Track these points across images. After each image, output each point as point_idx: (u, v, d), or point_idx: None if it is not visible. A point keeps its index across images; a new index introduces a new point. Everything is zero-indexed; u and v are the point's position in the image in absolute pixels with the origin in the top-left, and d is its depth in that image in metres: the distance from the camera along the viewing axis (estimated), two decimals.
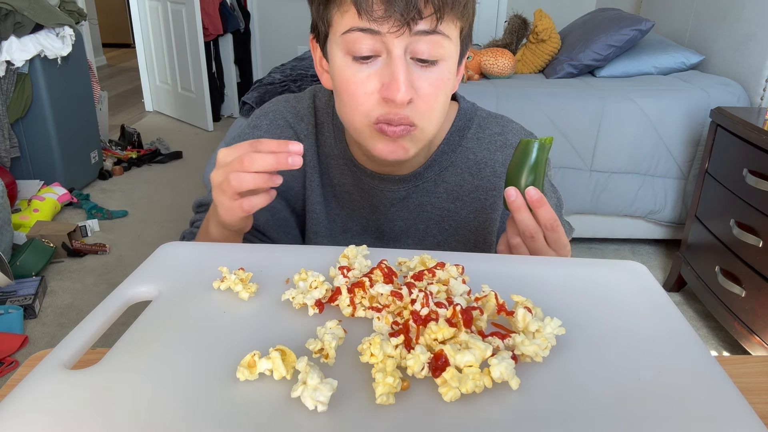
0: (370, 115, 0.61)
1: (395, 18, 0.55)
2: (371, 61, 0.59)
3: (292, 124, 0.77)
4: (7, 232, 2.17)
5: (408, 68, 0.59)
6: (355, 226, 0.78)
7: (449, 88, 0.64)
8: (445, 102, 0.64)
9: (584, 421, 0.35)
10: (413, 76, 0.59)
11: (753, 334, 1.63)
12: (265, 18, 4.38)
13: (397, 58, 0.58)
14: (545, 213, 0.58)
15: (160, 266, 0.52)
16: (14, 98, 2.60)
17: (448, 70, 0.62)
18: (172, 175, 3.34)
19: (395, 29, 0.56)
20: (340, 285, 0.47)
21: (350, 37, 0.58)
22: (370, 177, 0.74)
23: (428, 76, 0.60)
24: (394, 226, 0.77)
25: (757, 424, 0.35)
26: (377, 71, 0.59)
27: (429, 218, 0.76)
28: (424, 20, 0.56)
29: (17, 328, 1.85)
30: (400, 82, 0.57)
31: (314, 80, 2.23)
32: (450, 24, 0.59)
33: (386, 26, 0.56)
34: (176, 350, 0.41)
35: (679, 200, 2.27)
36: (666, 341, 0.43)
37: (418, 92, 0.60)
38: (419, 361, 0.38)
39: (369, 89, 0.60)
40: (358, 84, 0.60)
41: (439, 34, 0.58)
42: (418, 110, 0.61)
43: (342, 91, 0.62)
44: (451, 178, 0.75)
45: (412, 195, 0.75)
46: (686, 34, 2.66)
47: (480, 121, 0.76)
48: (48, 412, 0.35)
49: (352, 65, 0.60)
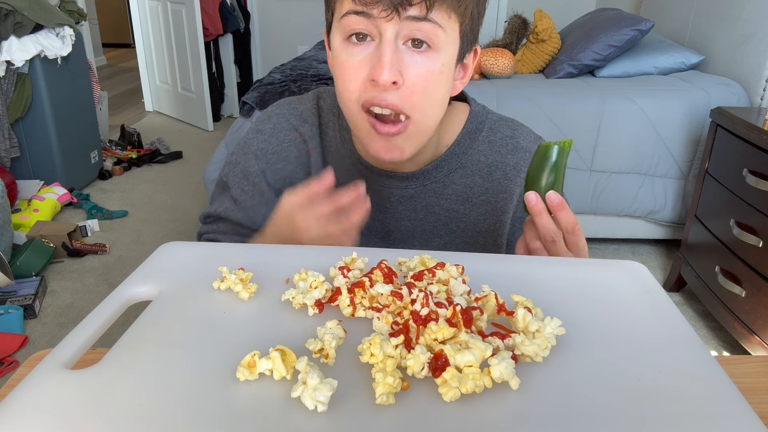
0: (359, 99, 0.62)
1: (385, 2, 0.57)
2: (365, 45, 0.60)
3: (296, 126, 0.77)
4: (7, 232, 2.17)
5: (397, 52, 0.59)
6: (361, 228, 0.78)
7: (444, 82, 0.63)
8: (440, 96, 0.64)
9: (584, 421, 0.35)
10: (402, 63, 0.60)
11: (753, 334, 1.63)
12: (265, 18, 4.38)
13: (386, 41, 0.59)
14: (566, 216, 0.58)
15: (160, 266, 0.52)
16: (14, 98, 2.60)
17: (441, 62, 0.61)
18: (172, 175, 3.33)
19: (385, 13, 0.57)
20: (340, 285, 0.47)
21: (346, 21, 0.60)
22: (377, 174, 0.74)
23: (418, 63, 0.60)
24: (400, 225, 0.77)
25: (757, 424, 0.35)
26: (369, 55, 0.60)
27: (436, 219, 0.76)
28: (414, 6, 0.57)
29: (17, 328, 1.85)
30: (384, 63, 0.58)
31: (314, 80, 2.23)
32: (443, 14, 0.59)
33: (377, 9, 0.58)
34: (176, 350, 0.41)
35: (679, 200, 2.27)
36: (666, 341, 0.43)
37: (405, 78, 0.60)
38: (419, 361, 0.38)
39: (360, 74, 0.61)
40: (351, 68, 0.61)
41: (430, 22, 0.59)
42: (406, 98, 0.61)
43: (337, 75, 0.63)
44: (461, 180, 0.75)
45: (419, 194, 0.75)
46: (686, 34, 2.66)
47: (491, 125, 0.76)
48: (48, 412, 0.35)
49: (347, 48, 0.61)
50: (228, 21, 4.12)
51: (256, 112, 2.14)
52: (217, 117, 4.39)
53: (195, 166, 3.45)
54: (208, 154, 3.54)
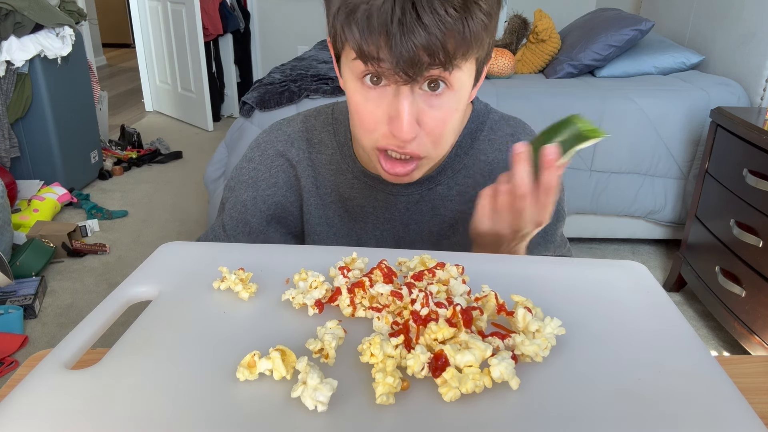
0: (377, 142, 0.61)
1: (400, 75, 0.54)
2: (380, 89, 0.58)
3: (283, 152, 0.77)
4: (7, 232, 2.17)
5: (414, 102, 0.57)
6: (370, 239, 0.78)
7: (460, 115, 0.62)
8: (455, 128, 0.63)
9: (584, 421, 0.35)
10: (420, 110, 0.58)
11: (753, 334, 1.63)
12: (265, 18, 4.38)
13: (403, 94, 0.56)
14: (553, 175, 0.56)
15: (160, 266, 0.52)
16: (14, 98, 2.60)
17: (458, 100, 0.59)
18: (172, 175, 3.33)
19: (401, 81, 0.55)
20: (340, 285, 0.47)
21: (359, 65, 0.57)
22: (383, 184, 0.74)
23: (436, 108, 0.58)
24: (409, 230, 0.76)
25: (757, 424, 0.35)
26: (384, 101, 0.58)
27: (443, 221, 0.76)
28: (431, 71, 0.55)
29: (17, 328, 1.85)
30: (404, 120, 0.56)
31: (314, 80, 2.23)
32: (462, 61, 0.56)
33: (392, 78, 0.55)
34: (176, 350, 0.41)
35: (679, 200, 2.27)
36: (666, 341, 0.43)
37: (422, 126, 0.59)
38: (419, 361, 0.38)
39: (377, 118, 0.59)
40: (367, 112, 0.59)
41: (449, 72, 0.56)
42: (424, 143, 0.60)
43: (353, 113, 0.62)
44: (464, 180, 0.75)
45: (425, 198, 0.75)
46: (686, 34, 2.66)
47: (492, 124, 0.76)
48: (48, 412, 0.35)
49: (361, 90, 0.59)
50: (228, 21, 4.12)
51: (256, 112, 2.14)
52: (217, 117, 4.39)
53: (195, 166, 3.45)
54: (208, 154, 3.54)
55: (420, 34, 0.51)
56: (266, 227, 0.77)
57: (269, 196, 0.77)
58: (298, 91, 2.12)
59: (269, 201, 0.77)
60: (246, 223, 0.77)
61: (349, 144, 0.75)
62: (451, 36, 0.52)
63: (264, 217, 0.77)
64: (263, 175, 0.77)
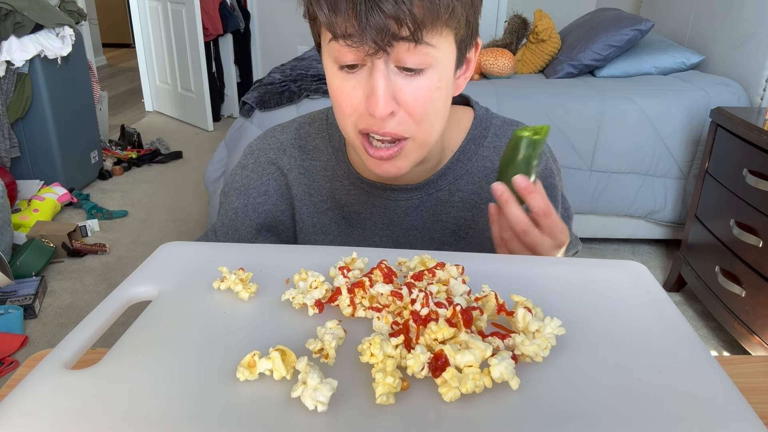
0: (356, 125, 0.61)
1: (369, 43, 0.54)
2: (357, 71, 0.58)
3: (274, 160, 0.77)
4: (7, 232, 2.17)
5: (389, 79, 0.57)
6: (368, 246, 0.77)
7: (442, 95, 0.61)
8: (439, 109, 0.61)
9: (584, 421, 0.35)
10: (396, 88, 0.57)
11: (753, 334, 1.63)
12: (265, 18, 4.38)
13: (377, 70, 0.56)
14: (536, 200, 0.57)
15: (160, 266, 0.52)
16: (14, 98, 2.60)
17: (438, 78, 0.58)
18: (172, 175, 3.34)
19: (372, 51, 0.55)
20: (340, 285, 0.47)
21: (334, 47, 0.57)
22: (380, 189, 0.73)
23: (413, 86, 0.57)
24: (409, 236, 0.76)
25: (757, 424, 0.35)
26: (362, 82, 0.58)
27: (444, 227, 0.75)
28: (401, 40, 0.54)
29: (17, 328, 1.85)
30: (379, 96, 0.56)
31: (314, 80, 2.23)
32: (435, 34, 0.55)
33: (363, 49, 0.55)
34: (176, 350, 0.41)
35: (679, 200, 2.27)
36: (666, 341, 0.43)
37: (401, 103, 0.58)
38: (419, 361, 0.38)
39: (355, 101, 0.59)
40: (345, 95, 0.59)
41: (423, 45, 0.55)
42: (404, 123, 0.59)
43: (333, 98, 0.62)
44: (467, 186, 0.74)
45: (425, 203, 0.74)
46: (686, 34, 2.66)
47: (496, 130, 0.75)
48: (48, 412, 0.35)
49: (339, 74, 0.59)
50: (228, 21, 4.12)
51: (256, 112, 2.14)
52: (217, 117, 4.39)
53: (195, 166, 3.45)
54: (208, 154, 3.54)
55: (387, 1, 0.51)
56: (256, 236, 0.77)
57: (259, 205, 0.76)
58: (298, 91, 2.12)
59: (259, 209, 0.76)
60: (236, 230, 0.77)
61: (344, 149, 0.74)
62: (419, 1, 0.52)
63: (254, 226, 0.76)
64: (254, 183, 0.76)
